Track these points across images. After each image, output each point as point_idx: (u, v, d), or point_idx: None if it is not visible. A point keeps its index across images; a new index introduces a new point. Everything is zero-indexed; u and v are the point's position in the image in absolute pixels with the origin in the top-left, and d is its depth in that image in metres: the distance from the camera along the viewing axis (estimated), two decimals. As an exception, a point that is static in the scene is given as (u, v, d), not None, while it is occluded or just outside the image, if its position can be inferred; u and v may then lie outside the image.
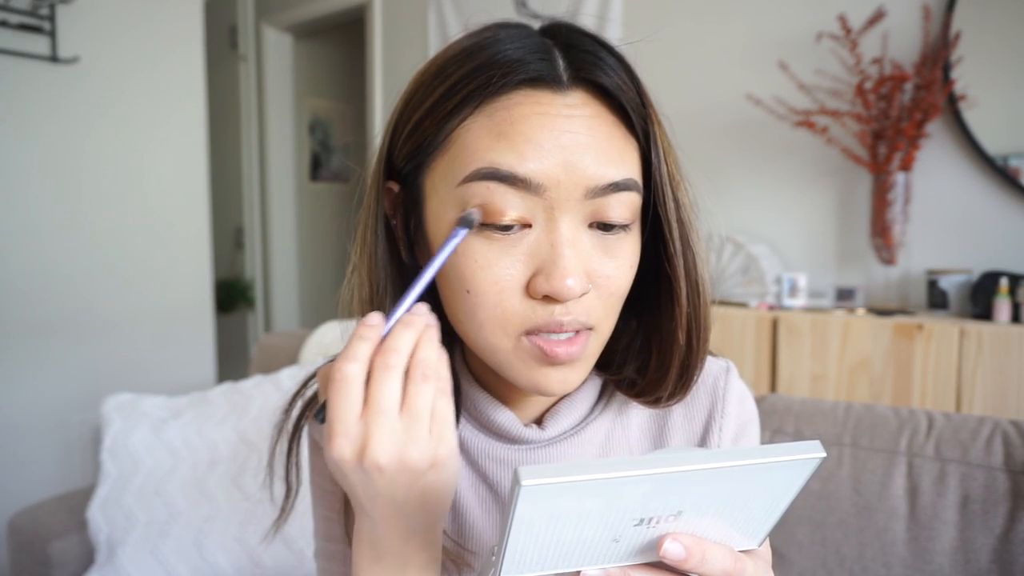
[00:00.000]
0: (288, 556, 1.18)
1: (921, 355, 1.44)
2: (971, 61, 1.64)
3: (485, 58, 0.44)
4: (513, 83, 0.43)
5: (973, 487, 0.87)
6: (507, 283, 0.44)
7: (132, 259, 2.19)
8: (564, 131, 0.42)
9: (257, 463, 1.26)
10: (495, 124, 0.43)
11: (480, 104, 0.44)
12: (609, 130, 0.44)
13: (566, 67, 0.44)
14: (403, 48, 2.87)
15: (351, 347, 0.39)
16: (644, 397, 0.53)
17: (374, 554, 0.43)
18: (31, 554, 1.26)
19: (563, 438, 0.54)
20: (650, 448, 0.57)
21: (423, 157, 0.47)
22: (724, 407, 0.56)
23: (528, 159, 0.42)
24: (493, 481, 0.55)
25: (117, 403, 1.36)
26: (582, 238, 0.44)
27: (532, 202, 0.43)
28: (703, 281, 0.49)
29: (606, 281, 0.46)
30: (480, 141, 0.43)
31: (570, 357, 0.45)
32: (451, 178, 0.44)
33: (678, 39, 2.11)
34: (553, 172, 0.42)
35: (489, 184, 0.43)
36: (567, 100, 0.43)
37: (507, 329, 0.45)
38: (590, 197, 0.43)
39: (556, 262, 0.43)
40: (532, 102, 0.43)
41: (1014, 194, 1.63)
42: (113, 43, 2.11)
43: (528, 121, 0.42)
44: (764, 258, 1.83)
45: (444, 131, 0.45)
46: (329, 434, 0.38)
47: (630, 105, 0.45)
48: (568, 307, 0.44)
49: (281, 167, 3.62)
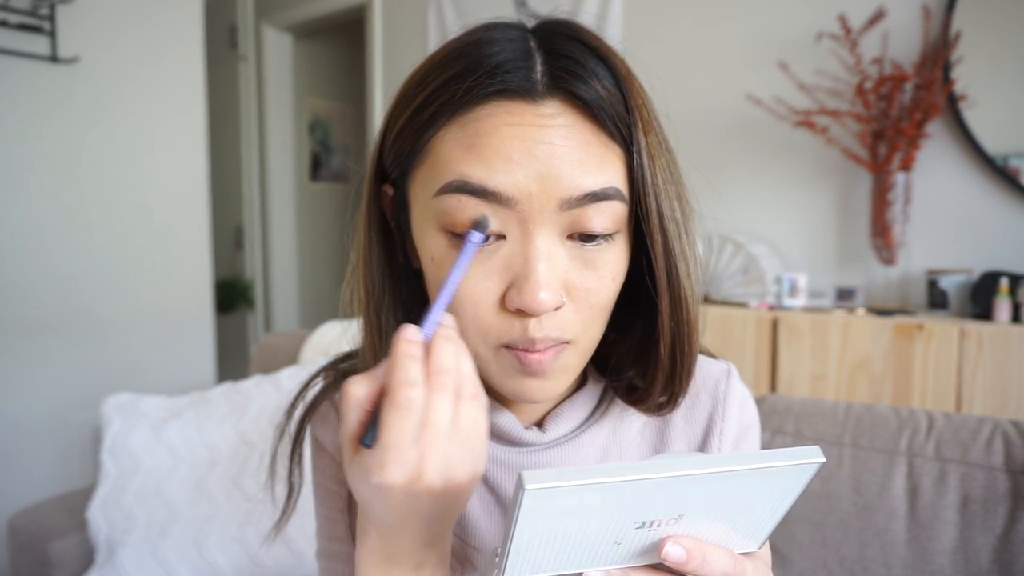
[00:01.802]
0: (288, 556, 1.18)
1: (921, 355, 1.44)
2: (971, 61, 1.64)
3: (462, 67, 0.43)
4: (486, 94, 0.42)
5: (973, 487, 0.87)
6: (482, 296, 0.44)
7: (132, 259, 2.19)
8: (537, 142, 0.41)
9: (257, 463, 1.26)
10: (467, 136, 0.42)
11: (453, 115, 0.43)
12: (587, 138, 0.43)
13: (543, 75, 0.42)
14: (403, 48, 2.87)
15: (404, 369, 0.37)
16: (639, 405, 0.53)
17: (387, 563, 0.42)
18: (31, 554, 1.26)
19: (564, 441, 0.55)
20: (651, 451, 0.57)
21: (406, 165, 0.47)
22: (725, 411, 0.56)
23: (498, 171, 0.41)
24: (494, 483, 0.55)
25: (117, 403, 1.36)
26: (558, 251, 0.43)
27: (504, 214, 0.42)
28: (688, 296, 0.47)
29: (585, 294, 0.44)
30: (452, 153, 0.43)
31: (542, 367, 0.45)
32: (428, 188, 0.44)
33: (678, 39, 2.11)
34: (524, 184, 0.41)
35: (460, 197, 0.42)
36: (541, 110, 0.42)
37: (487, 340, 0.45)
38: (566, 208, 0.42)
39: (528, 276, 0.42)
40: (504, 112, 0.42)
41: (1014, 194, 1.63)
42: (113, 43, 2.11)
43: (498, 133, 0.41)
44: (764, 258, 1.83)
45: (422, 140, 0.44)
46: (383, 461, 0.37)
47: (608, 114, 0.43)
48: (541, 322, 0.43)
49: (281, 167, 3.62)
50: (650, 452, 0.57)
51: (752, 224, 1.99)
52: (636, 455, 0.56)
